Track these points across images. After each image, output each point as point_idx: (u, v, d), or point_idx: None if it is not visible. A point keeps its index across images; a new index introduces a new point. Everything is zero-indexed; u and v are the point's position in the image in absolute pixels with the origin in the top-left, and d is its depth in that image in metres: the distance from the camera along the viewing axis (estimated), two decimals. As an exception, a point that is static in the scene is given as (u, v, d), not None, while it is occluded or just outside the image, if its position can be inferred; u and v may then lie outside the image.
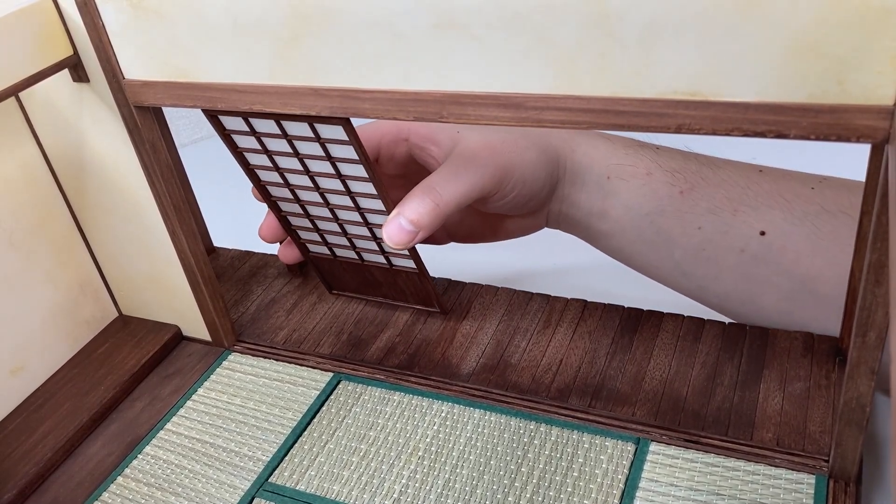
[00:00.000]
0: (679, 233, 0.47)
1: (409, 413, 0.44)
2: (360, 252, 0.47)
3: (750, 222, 0.46)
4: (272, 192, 0.46)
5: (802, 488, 0.36)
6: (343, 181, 0.42)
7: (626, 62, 0.30)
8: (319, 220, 0.46)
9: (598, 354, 0.45)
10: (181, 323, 0.52)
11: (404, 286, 0.48)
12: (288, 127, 0.40)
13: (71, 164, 0.48)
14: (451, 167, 0.43)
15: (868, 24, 0.26)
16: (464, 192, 0.42)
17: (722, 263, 0.47)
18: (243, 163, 0.44)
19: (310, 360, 0.48)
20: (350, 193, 0.43)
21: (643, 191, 0.48)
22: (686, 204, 0.47)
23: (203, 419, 0.46)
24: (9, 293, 0.47)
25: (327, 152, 0.41)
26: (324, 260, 0.50)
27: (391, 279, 0.48)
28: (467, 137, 0.45)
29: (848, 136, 0.28)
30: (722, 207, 0.46)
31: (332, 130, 0.39)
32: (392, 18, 0.33)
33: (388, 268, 0.47)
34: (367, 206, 0.43)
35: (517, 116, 0.33)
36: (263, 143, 0.42)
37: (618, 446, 0.40)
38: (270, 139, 0.42)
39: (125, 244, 0.50)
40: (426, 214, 0.41)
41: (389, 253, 0.45)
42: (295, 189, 0.45)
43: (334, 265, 0.49)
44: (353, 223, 0.45)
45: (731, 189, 0.47)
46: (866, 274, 0.30)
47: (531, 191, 0.46)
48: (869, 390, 0.33)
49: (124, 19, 0.39)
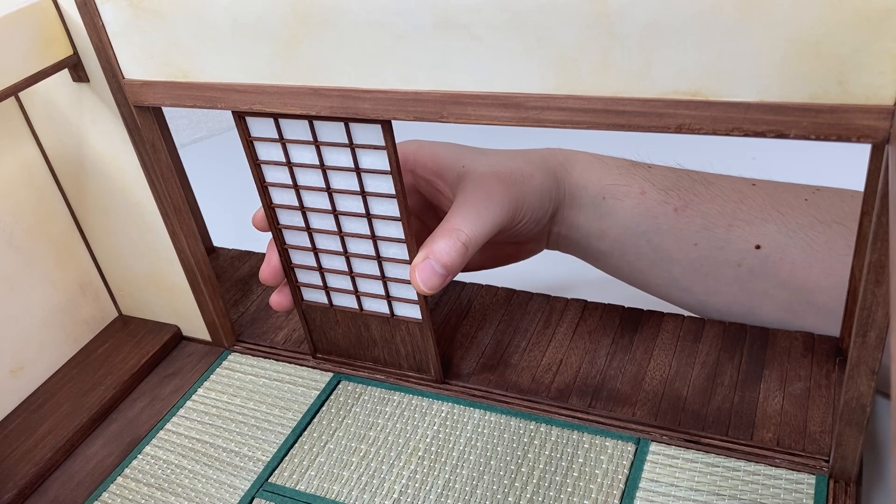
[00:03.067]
0: (675, 249, 0.48)
1: (409, 413, 0.44)
2: (360, 297, 0.44)
3: (745, 237, 0.46)
4: (281, 217, 0.43)
5: (803, 488, 0.36)
6: (364, 199, 0.40)
7: (626, 62, 0.30)
8: (325, 254, 0.43)
9: (599, 354, 0.45)
10: (181, 323, 0.52)
11: (401, 344, 0.45)
12: (320, 132, 0.38)
13: (71, 165, 0.48)
14: (469, 206, 0.42)
15: (869, 25, 0.26)
16: (488, 229, 0.42)
17: (720, 278, 0.47)
18: (259, 178, 0.42)
19: (310, 360, 0.48)
20: (369, 216, 0.40)
21: (638, 210, 0.48)
22: (681, 221, 0.47)
23: (203, 419, 0.46)
24: (9, 293, 0.47)
25: (356, 162, 0.38)
26: (317, 309, 0.46)
27: (389, 335, 0.45)
28: (475, 170, 0.44)
29: (848, 136, 0.28)
30: (716, 223, 0.47)
31: (369, 132, 0.37)
32: (392, 18, 0.33)
33: (389, 318, 0.44)
34: (382, 235, 0.41)
35: (517, 116, 0.33)
36: (288, 153, 0.40)
37: (618, 446, 0.40)
38: (296, 148, 0.40)
39: (125, 244, 0.50)
40: (457, 257, 0.40)
41: (393, 297, 0.43)
42: (307, 212, 0.42)
43: (327, 316, 0.46)
44: (363, 257, 0.42)
45: (724, 204, 0.47)
46: (866, 274, 0.30)
47: (539, 216, 0.47)
48: (869, 390, 0.33)
49: (124, 19, 0.39)
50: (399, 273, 0.42)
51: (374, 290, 0.43)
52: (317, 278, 0.44)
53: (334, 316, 0.46)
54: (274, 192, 0.42)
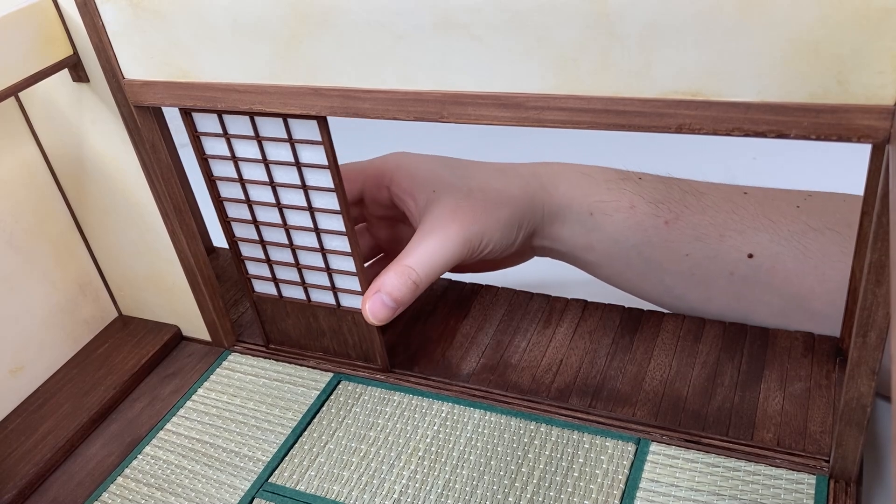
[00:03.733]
0: (667, 260, 0.48)
1: (409, 413, 0.44)
2: (308, 288, 0.46)
3: (737, 246, 0.46)
4: (229, 211, 0.44)
5: (803, 488, 0.36)
6: (306, 193, 0.41)
7: (626, 62, 0.30)
8: (272, 246, 0.45)
9: (599, 354, 0.45)
10: (181, 323, 0.52)
11: (349, 334, 0.46)
12: (261, 127, 0.40)
13: (71, 164, 0.48)
14: (423, 242, 0.44)
15: (869, 24, 0.26)
16: (439, 266, 0.44)
17: (712, 287, 0.47)
18: (207, 172, 0.43)
19: (310, 360, 0.48)
20: (311, 209, 0.42)
21: (628, 223, 0.48)
22: (672, 233, 0.47)
23: (203, 419, 0.46)
24: (9, 293, 0.47)
25: (296, 157, 0.40)
26: (268, 301, 0.47)
27: (336, 325, 0.46)
28: (440, 202, 0.45)
29: (849, 135, 0.28)
30: (708, 234, 0.47)
31: (306, 128, 0.39)
32: (392, 18, 0.33)
33: (335, 308, 0.45)
34: (325, 227, 0.42)
35: (517, 116, 0.33)
36: (232, 148, 0.41)
37: (618, 446, 0.40)
38: (240, 143, 0.41)
39: (125, 244, 0.50)
40: (407, 292, 0.42)
41: (339, 289, 0.44)
42: (253, 205, 0.43)
43: (278, 308, 0.47)
44: (308, 249, 0.44)
45: (715, 215, 0.47)
46: (867, 274, 0.30)
47: (505, 244, 0.47)
48: (870, 390, 0.33)
49: (124, 19, 0.39)
50: (343, 265, 0.43)
51: (321, 282, 0.45)
52: (266, 270, 0.46)
53: (284, 307, 0.47)
54: (221, 186, 0.44)
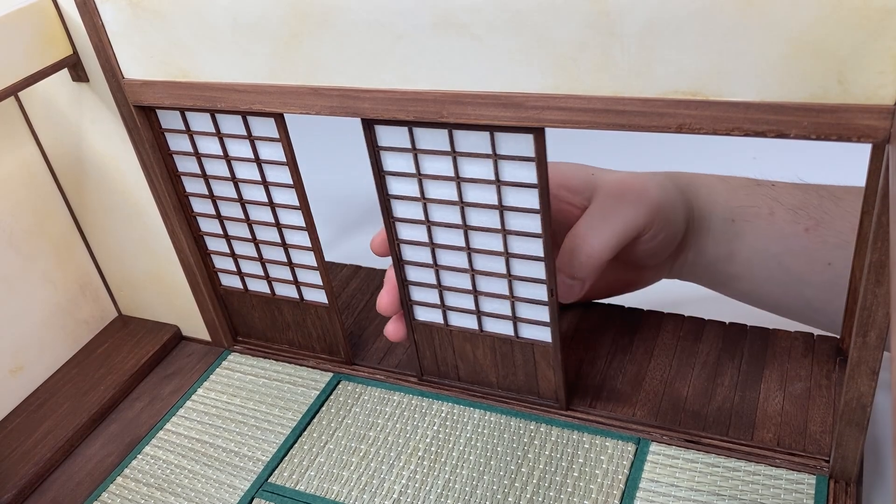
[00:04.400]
0: (808, 271, 0.46)
1: (409, 413, 0.44)
2: (272, 282, 0.46)
3: None
4: (195, 206, 0.45)
5: (803, 488, 0.36)
6: (266, 189, 0.42)
7: (626, 61, 0.30)
8: (237, 241, 0.45)
9: (599, 354, 0.45)
10: (181, 323, 0.52)
11: (312, 327, 0.47)
12: (222, 124, 0.40)
13: (71, 164, 0.48)
14: (597, 213, 0.42)
15: (869, 24, 0.26)
16: (617, 233, 0.41)
17: None
18: (171, 168, 0.44)
19: (310, 360, 0.48)
20: (272, 205, 0.42)
21: (768, 231, 0.46)
22: (813, 241, 0.45)
23: (203, 419, 0.46)
24: (9, 293, 0.47)
25: (256, 154, 0.40)
26: (234, 295, 0.48)
27: (300, 318, 0.47)
28: (605, 179, 0.43)
29: (849, 135, 0.28)
30: (851, 241, 0.43)
31: (264, 126, 0.39)
32: (392, 18, 0.33)
33: (299, 302, 0.46)
34: (286, 222, 0.43)
35: (517, 116, 0.33)
36: (195, 144, 0.42)
37: (618, 446, 0.40)
38: (202, 139, 0.41)
39: (125, 244, 0.50)
40: (582, 266, 0.40)
41: (301, 283, 0.45)
42: (217, 200, 0.44)
43: (244, 301, 0.48)
44: (271, 244, 0.44)
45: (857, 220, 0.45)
46: (867, 274, 0.30)
47: (673, 231, 0.45)
48: (870, 390, 0.33)
49: (124, 19, 0.39)
50: (304, 259, 0.44)
51: (284, 276, 0.45)
52: (231, 264, 0.47)
53: (250, 300, 0.48)
54: (186, 182, 0.44)
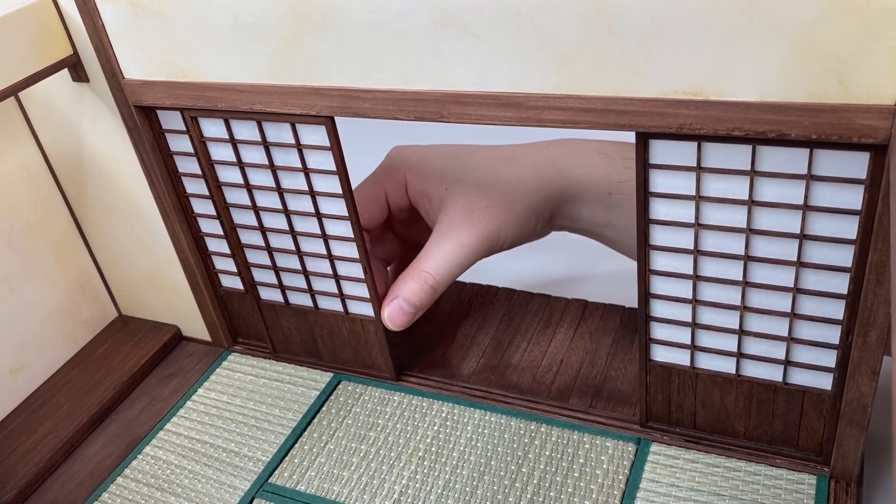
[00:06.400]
0: None
1: (409, 413, 0.44)
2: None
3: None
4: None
5: (803, 488, 0.36)
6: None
7: (626, 61, 0.30)
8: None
9: (599, 354, 0.45)
10: (181, 323, 0.52)
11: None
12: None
13: (71, 164, 0.48)
14: (439, 246, 0.44)
15: (870, 24, 0.26)
16: (456, 269, 0.44)
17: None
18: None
19: (310, 360, 0.48)
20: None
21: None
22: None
23: (203, 419, 0.46)
24: (9, 293, 0.47)
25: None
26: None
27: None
28: (453, 201, 0.45)
29: (849, 135, 0.28)
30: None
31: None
32: (392, 18, 0.33)
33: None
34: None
35: (518, 116, 0.33)
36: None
37: (618, 447, 0.40)
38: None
39: (125, 244, 0.50)
40: (425, 297, 0.43)
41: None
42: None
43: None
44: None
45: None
46: (867, 274, 0.30)
47: (522, 235, 0.47)
48: (870, 390, 0.33)
49: (124, 19, 0.39)
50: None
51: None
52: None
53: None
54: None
